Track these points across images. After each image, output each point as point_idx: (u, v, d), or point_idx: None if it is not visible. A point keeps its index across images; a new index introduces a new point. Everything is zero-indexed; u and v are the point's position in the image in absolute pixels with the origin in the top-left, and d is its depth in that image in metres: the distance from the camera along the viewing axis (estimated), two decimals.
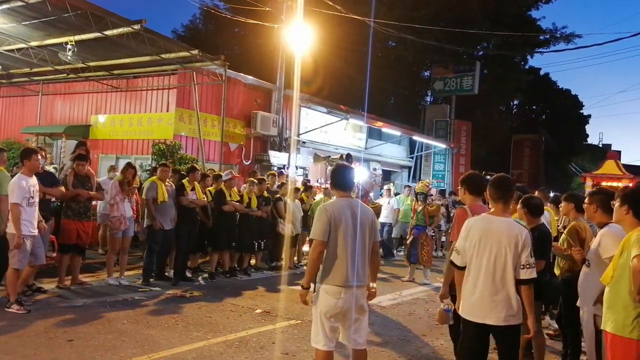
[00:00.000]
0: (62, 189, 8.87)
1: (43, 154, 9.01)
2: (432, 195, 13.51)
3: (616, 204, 4.40)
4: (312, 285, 4.93)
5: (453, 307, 5.46)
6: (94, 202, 10.28)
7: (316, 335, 4.88)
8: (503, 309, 4.49)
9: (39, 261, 7.96)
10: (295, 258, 13.18)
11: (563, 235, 6.78)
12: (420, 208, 12.60)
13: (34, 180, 7.80)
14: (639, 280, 3.88)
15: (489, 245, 4.56)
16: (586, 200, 5.72)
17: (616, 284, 4.15)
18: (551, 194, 10.80)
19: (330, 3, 19.45)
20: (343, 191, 5.06)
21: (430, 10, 28.69)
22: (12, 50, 15.27)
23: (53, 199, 9.25)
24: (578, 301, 5.52)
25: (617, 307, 4.11)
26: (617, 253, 4.24)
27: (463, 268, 4.72)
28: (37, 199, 7.78)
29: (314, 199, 13.88)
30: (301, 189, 13.41)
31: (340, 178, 5.11)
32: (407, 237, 13.77)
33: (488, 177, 13.88)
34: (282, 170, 17.26)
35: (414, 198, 14.11)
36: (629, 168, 27.18)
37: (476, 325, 4.57)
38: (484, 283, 4.54)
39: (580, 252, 5.60)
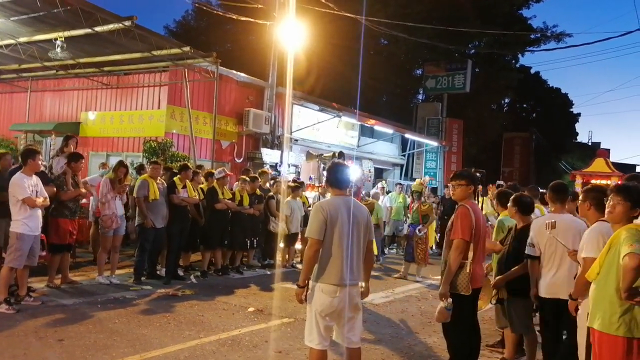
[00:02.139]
0: (54, 188, 8.76)
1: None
2: (424, 193, 13.46)
3: (624, 205, 4.24)
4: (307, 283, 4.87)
5: (452, 306, 5.44)
6: (83, 200, 10.19)
7: (310, 333, 4.83)
8: None
9: (33, 262, 7.87)
10: (287, 256, 13.09)
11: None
12: (415, 207, 12.63)
13: (34, 180, 7.73)
14: (629, 278, 3.84)
15: (562, 237, 5.57)
16: (580, 197, 5.68)
17: (603, 280, 4.12)
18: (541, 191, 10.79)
19: (323, 1, 19.40)
20: (339, 189, 5.01)
21: (422, 8, 28.80)
22: (0, 47, 15.12)
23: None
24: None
25: (603, 304, 4.08)
26: (604, 249, 4.18)
27: (537, 258, 5.75)
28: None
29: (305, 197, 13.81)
30: (292, 186, 13.32)
31: (336, 176, 5.05)
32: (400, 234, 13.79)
33: (478, 174, 13.91)
34: (273, 167, 17.23)
35: (409, 196, 14.13)
36: (618, 166, 27.31)
37: (555, 302, 5.57)
38: (564, 266, 5.60)
39: (574, 254, 5.56)
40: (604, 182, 22.87)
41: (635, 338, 3.97)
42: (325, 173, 5.18)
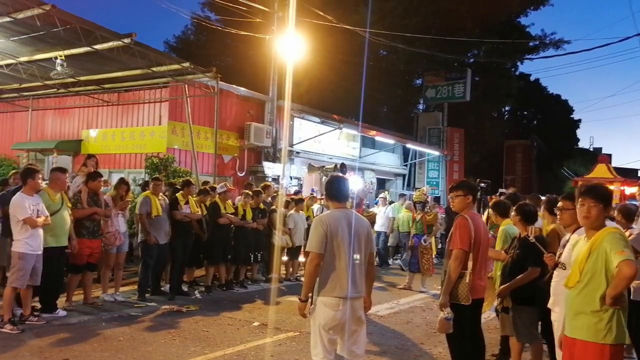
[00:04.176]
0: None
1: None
2: (428, 202, 13.43)
3: (598, 207, 4.11)
4: (309, 297, 4.87)
5: (452, 316, 5.44)
6: None
7: (315, 347, 4.84)
8: None
9: (36, 282, 7.85)
10: (291, 269, 13.07)
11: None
12: (419, 217, 12.62)
13: (35, 199, 7.73)
14: (623, 286, 3.76)
15: None
16: (559, 204, 5.65)
17: (585, 288, 3.97)
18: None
19: (321, 14, 19.46)
20: (339, 202, 5.02)
21: (420, 18, 28.85)
22: (0, 66, 15.16)
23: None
24: (549, 302, 5.45)
25: (585, 312, 3.95)
26: (582, 255, 4.05)
27: None
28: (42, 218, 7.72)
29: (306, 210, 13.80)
30: (295, 199, 13.32)
31: (335, 189, 5.06)
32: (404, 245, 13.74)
33: (482, 184, 13.73)
34: (275, 180, 17.24)
35: (412, 207, 14.12)
36: (620, 171, 27.28)
37: None
38: None
39: (551, 258, 5.52)
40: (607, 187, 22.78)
41: (619, 344, 3.90)
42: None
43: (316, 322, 4.79)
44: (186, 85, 16.16)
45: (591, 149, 51.82)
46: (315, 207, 14.28)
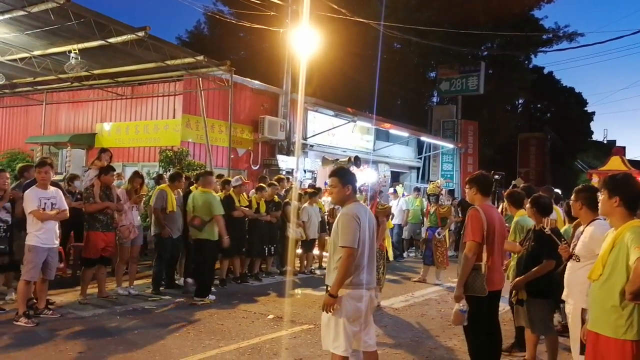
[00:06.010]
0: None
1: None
2: (442, 195, 13.34)
3: (603, 195, 4.06)
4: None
5: (467, 308, 5.40)
6: None
7: (335, 340, 4.74)
8: None
9: (50, 275, 7.86)
10: (305, 262, 13.05)
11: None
12: (432, 209, 12.56)
13: (50, 193, 7.73)
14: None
15: None
16: (572, 197, 5.59)
17: (607, 282, 3.86)
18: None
19: (335, 7, 19.39)
20: (355, 195, 5.03)
21: (433, 12, 28.77)
22: (14, 60, 15.20)
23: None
24: (563, 294, 5.39)
25: (606, 307, 3.84)
26: (606, 248, 3.93)
27: None
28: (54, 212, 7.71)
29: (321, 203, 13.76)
30: (309, 192, 13.29)
31: (355, 182, 5.05)
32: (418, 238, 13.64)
33: (497, 176, 13.60)
34: (289, 176, 17.22)
35: (426, 199, 14.04)
36: (634, 163, 27.02)
37: None
38: None
39: (566, 250, 5.45)
40: None
41: None
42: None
43: (340, 315, 4.73)
44: (200, 79, 16.17)
45: (605, 142, 51.49)
46: (327, 199, 14.20)
